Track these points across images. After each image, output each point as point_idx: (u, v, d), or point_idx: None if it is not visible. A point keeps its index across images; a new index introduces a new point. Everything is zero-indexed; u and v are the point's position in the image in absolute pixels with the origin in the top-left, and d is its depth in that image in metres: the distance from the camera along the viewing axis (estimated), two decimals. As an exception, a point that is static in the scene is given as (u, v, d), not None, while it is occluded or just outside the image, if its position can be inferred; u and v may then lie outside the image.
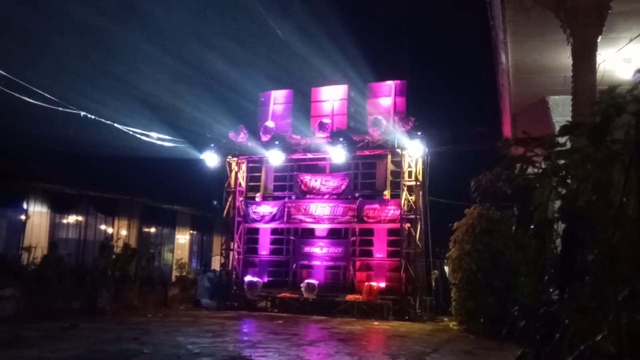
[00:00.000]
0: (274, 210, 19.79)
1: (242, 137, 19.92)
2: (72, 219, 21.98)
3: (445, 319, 16.93)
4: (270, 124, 19.82)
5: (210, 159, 20.17)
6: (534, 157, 2.86)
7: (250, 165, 20.76)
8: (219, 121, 20.42)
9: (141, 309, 16.95)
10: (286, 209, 19.56)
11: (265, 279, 19.60)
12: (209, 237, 28.38)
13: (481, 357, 10.86)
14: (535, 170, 2.85)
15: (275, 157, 19.34)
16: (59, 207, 21.31)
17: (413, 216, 18.14)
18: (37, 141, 21.38)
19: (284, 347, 11.14)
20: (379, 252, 18.71)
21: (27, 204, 20.30)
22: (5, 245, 19.75)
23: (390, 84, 19.24)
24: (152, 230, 24.86)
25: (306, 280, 18.54)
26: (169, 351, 10.11)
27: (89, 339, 11.30)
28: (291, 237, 19.74)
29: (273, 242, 20.24)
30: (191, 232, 27.43)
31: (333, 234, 19.33)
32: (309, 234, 19.62)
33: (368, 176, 19.29)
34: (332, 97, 20.03)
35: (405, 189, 18.27)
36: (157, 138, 20.02)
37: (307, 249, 19.30)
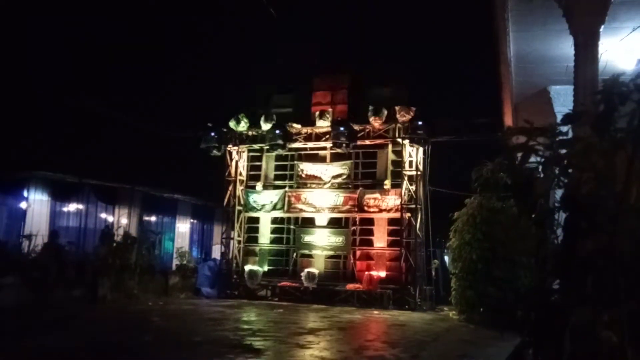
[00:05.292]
0: (275, 199, 19.76)
1: (242, 126, 19.88)
2: (72, 207, 21.98)
3: (445, 309, 16.95)
4: (271, 113, 19.77)
5: (211, 147, 20.12)
6: (536, 147, 2.85)
7: (250, 154, 20.72)
8: (220, 110, 20.36)
9: (142, 298, 16.98)
10: (287, 198, 19.53)
11: (266, 268, 19.61)
12: (209, 225, 28.42)
13: (481, 347, 10.88)
14: (537, 159, 2.84)
15: (276, 146, 19.30)
16: (59, 195, 21.30)
17: (413, 206, 18.12)
18: (38, 129, 21.37)
19: (284, 336, 11.17)
20: (380, 242, 18.71)
21: (28, 192, 20.29)
22: (6, 233, 19.75)
23: (391, 74, 19.18)
24: (153, 218, 24.88)
25: (306, 269, 18.55)
26: (169, 339, 10.14)
27: (90, 327, 11.33)
28: (291, 226, 19.74)
29: (273, 231, 20.23)
30: (192, 220, 27.46)
31: (333, 223, 19.31)
32: (310, 223, 19.60)
33: (369, 165, 19.23)
34: (333, 85, 19.97)
35: (406, 178, 18.24)
36: (158, 127, 20.00)
37: (307, 238, 19.30)
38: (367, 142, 18.83)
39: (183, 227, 26.74)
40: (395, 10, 25.17)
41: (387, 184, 18.54)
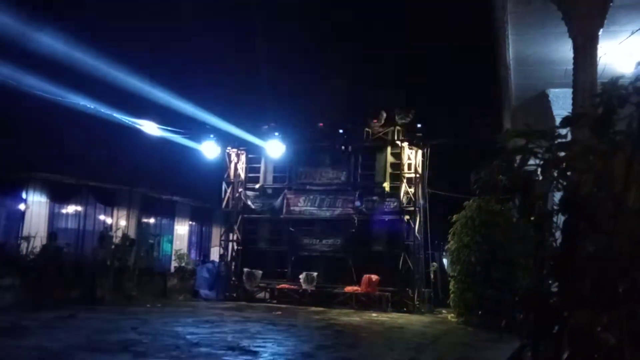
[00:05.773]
0: (273, 201, 19.77)
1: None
2: (71, 209, 21.99)
3: (443, 311, 16.96)
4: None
5: (210, 149, 20.11)
6: (534, 149, 2.86)
7: (249, 156, 20.72)
8: (219, 111, 20.31)
9: (140, 299, 16.95)
10: (285, 200, 19.54)
11: (264, 270, 19.59)
12: (208, 228, 28.42)
13: (479, 349, 10.89)
14: (536, 162, 2.85)
15: (275, 148, 19.31)
16: (58, 197, 21.31)
17: (412, 208, 18.13)
18: (36, 131, 21.34)
19: (283, 338, 11.16)
20: (378, 244, 18.71)
21: (27, 193, 20.29)
22: (5, 234, 19.75)
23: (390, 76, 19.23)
24: (151, 220, 24.88)
25: (305, 272, 18.55)
26: (167, 341, 10.12)
27: (88, 329, 11.31)
28: (290, 228, 19.72)
29: (272, 233, 20.23)
30: (190, 222, 27.45)
31: (332, 225, 19.30)
32: (308, 225, 19.59)
33: (367, 168, 19.25)
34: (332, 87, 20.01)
35: (405, 181, 18.25)
36: (157, 128, 19.97)
37: (306, 240, 19.30)
38: (366, 144, 18.85)
39: (182, 229, 26.74)
40: (393, 12, 25.19)
41: (386, 186, 18.55)
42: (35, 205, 20.44)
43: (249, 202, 20.16)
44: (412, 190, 18.15)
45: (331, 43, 23.12)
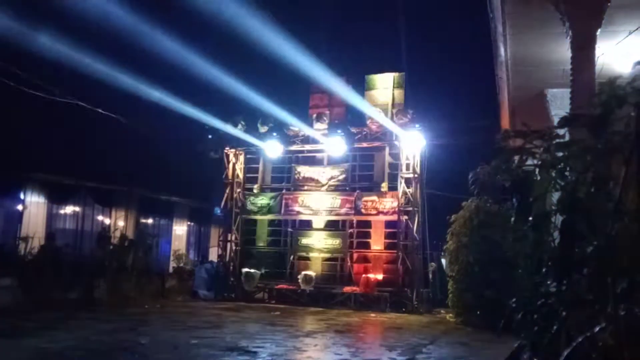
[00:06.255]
0: (272, 201, 19.76)
1: (240, 128, 19.87)
2: (69, 209, 21.99)
3: (442, 312, 16.95)
4: (269, 115, 19.74)
5: (208, 150, 20.09)
6: (532, 149, 2.86)
7: (248, 156, 20.71)
8: (217, 112, 20.30)
9: (138, 300, 16.93)
10: (284, 201, 19.53)
11: (263, 271, 19.59)
12: (206, 228, 28.42)
13: (478, 349, 10.89)
14: (534, 162, 2.85)
15: (273, 149, 19.32)
16: (56, 197, 21.30)
17: (411, 208, 18.13)
18: (35, 131, 21.32)
19: (281, 339, 11.15)
20: (377, 244, 18.72)
21: (25, 194, 20.27)
22: (3, 235, 19.73)
23: (388, 76, 19.19)
24: (150, 221, 24.87)
25: (303, 272, 18.55)
26: (166, 342, 10.12)
27: (86, 330, 11.31)
28: (289, 229, 19.73)
29: (270, 234, 20.23)
30: (189, 223, 27.44)
31: (330, 226, 19.31)
32: (307, 225, 19.61)
33: (366, 168, 19.26)
34: (330, 88, 19.97)
35: (403, 181, 18.25)
36: (155, 128, 19.97)
37: (304, 241, 19.30)
38: (365, 144, 18.86)
39: (180, 229, 26.74)
40: (392, 13, 25.21)
41: (384, 186, 18.54)
42: (33, 205, 20.43)
43: (248, 202, 20.15)
44: (410, 190, 18.15)
45: (329, 44, 23.10)
